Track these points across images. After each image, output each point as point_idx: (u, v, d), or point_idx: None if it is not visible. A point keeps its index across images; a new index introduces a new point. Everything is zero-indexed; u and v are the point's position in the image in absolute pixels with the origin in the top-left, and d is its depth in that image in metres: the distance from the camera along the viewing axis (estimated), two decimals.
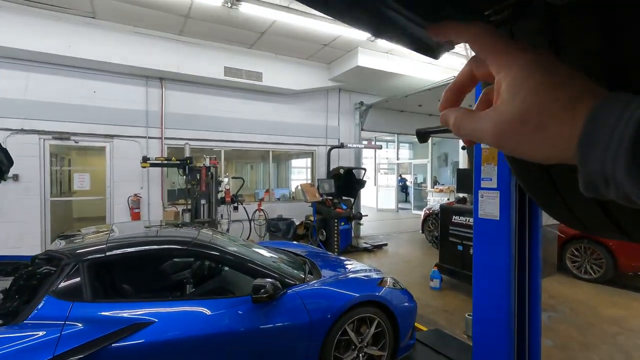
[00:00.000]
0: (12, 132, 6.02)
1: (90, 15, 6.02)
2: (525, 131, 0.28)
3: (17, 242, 6.07)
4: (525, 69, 0.29)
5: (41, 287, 2.15)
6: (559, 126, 0.27)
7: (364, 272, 3.37)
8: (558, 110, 0.27)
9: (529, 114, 0.28)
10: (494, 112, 0.30)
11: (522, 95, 0.28)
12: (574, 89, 0.27)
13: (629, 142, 0.22)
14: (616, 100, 0.24)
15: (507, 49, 0.31)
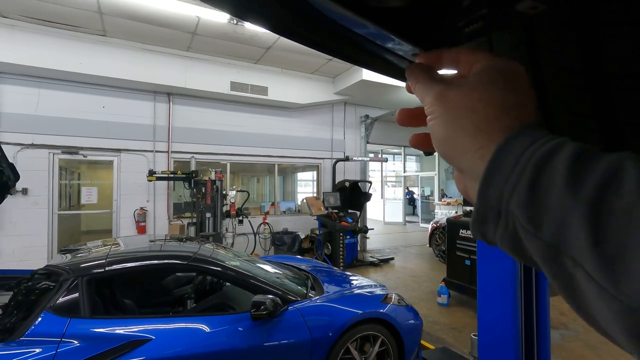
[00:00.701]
0: (23, 146, 6.15)
1: (101, 33, 6.20)
2: (461, 104, 0.29)
3: (23, 256, 6.12)
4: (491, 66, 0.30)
5: (39, 302, 2.14)
6: (483, 118, 0.27)
7: (369, 288, 3.29)
8: (473, 137, 0.27)
9: (472, 94, 0.29)
10: (449, 79, 0.32)
11: (482, 84, 0.29)
12: (516, 102, 0.28)
13: (530, 172, 0.22)
14: (526, 135, 0.25)
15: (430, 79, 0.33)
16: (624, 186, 0.19)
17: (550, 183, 0.21)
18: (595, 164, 0.21)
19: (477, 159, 0.27)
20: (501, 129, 0.26)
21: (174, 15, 5.51)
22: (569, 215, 0.20)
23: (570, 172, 0.21)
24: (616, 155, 0.21)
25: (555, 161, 0.22)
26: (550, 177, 0.21)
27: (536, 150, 0.23)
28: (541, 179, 0.22)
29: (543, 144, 0.23)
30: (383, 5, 0.35)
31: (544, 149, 0.23)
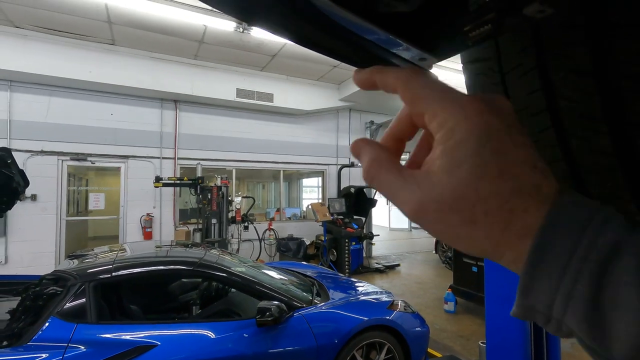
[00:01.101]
0: (33, 153, 6.24)
1: (110, 42, 6.31)
2: (451, 220, 0.22)
3: (31, 261, 6.18)
4: (467, 133, 0.23)
5: (47, 307, 2.15)
6: (489, 230, 0.22)
7: (374, 295, 3.27)
8: (496, 210, 0.21)
9: (464, 202, 0.22)
10: (424, 180, 0.24)
11: (463, 174, 0.22)
12: (522, 182, 0.21)
13: (588, 284, 0.18)
14: (567, 217, 0.20)
15: (444, 95, 0.25)
16: None
17: (619, 299, 0.17)
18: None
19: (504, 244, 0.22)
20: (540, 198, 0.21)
21: (181, 24, 5.59)
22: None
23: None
24: None
25: (619, 267, 0.18)
26: (618, 291, 0.17)
27: (590, 248, 0.19)
28: (605, 293, 0.18)
29: (595, 234, 0.19)
30: (390, 11, 0.36)
31: (600, 246, 0.19)
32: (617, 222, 0.19)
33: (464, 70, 0.52)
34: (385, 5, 0.34)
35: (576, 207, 0.20)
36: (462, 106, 0.24)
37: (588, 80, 0.38)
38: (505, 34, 0.38)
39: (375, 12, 0.34)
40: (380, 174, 0.26)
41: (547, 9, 0.29)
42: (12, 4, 5.02)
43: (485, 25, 0.37)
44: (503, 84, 0.45)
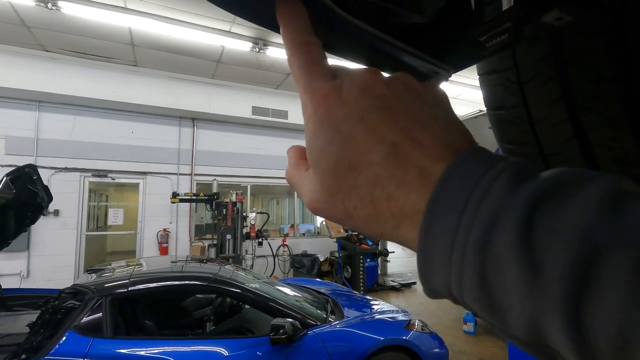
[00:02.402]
0: (57, 170, 6.48)
1: (133, 63, 6.59)
2: (335, 216, 0.22)
3: (52, 275, 6.31)
4: (316, 127, 0.22)
5: (65, 321, 2.18)
6: (365, 222, 0.21)
7: (390, 314, 3.18)
8: (360, 203, 0.20)
9: (334, 199, 0.21)
10: (308, 181, 0.24)
11: (320, 172, 0.22)
12: (377, 172, 0.20)
13: (473, 261, 0.16)
14: (461, 181, 0.17)
15: (309, 88, 0.23)
16: None
17: (503, 280, 0.15)
18: (556, 236, 0.14)
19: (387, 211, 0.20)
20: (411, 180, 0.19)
21: (200, 45, 5.80)
22: (539, 314, 0.14)
23: (522, 262, 0.15)
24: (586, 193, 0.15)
25: (499, 245, 0.15)
26: (500, 273, 0.15)
27: (469, 227, 0.16)
28: (489, 276, 0.16)
29: (478, 201, 0.17)
30: (405, 23, 0.36)
31: (481, 215, 0.16)
32: (507, 176, 0.17)
33: (480, 82, 0.52)
34: (400, 17, 0.34)
35: (464, 174, 0.18)
36: (317, 97, 0.23)
37: (611, 89, 0.37)
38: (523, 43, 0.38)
39: (390, 23, 0.35)
40: (289, 178, 0.27)
41: (566, 16, 0.28)
42: (44, 30, 5.33)
43: (502, 35, 0.36)
44: (522, 94, 0.45)
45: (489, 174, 0.17)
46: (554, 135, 0.43)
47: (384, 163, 0.20)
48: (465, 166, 0.18)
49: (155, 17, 4.95)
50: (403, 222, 0.19)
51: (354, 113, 0.21)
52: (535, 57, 0.41)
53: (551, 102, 0.42)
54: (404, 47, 0.40)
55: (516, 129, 0.47)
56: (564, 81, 0.40)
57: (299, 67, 0.25)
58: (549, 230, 0.15)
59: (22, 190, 2.96)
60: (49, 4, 4.44)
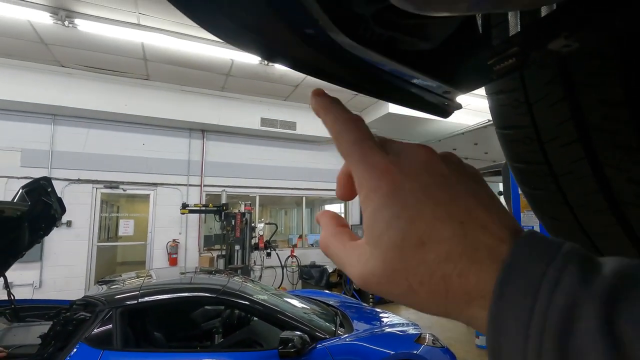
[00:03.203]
0: (70, 181, 6.61)
1: (145, 77, 6.75)
2: (393, 291, 0.22)
3: (64, 286, 6.38)
4: (380, 202, 0.22)
5: (76, 333, 2.20)
6: (431, 298, 0.20)
7: (400, 327, 3.13)
8: (429, 279, 0.20)
9: (396, 275, 0.21)
10: (360, 254, 0.23)
11: (385, 246, 0.21)
12: (449, 249, 0.20)
13: (554, 350, 0.16)
14: (524, 276, 0.18)
15: (365, 157, 0.24)
16: None
17: None
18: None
19: None
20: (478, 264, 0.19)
21: (210, 59, 5.93)
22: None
23: (609, 352, 0.15)
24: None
25: (581, 334, 0.16)
26: (582, 353, 0.15)
27: (545, 314, 0.16)
28: (569, 357, 0.16)
29: (548, 297, 0.17)
30: (413, 49, 0.36)
31: (557, 309, 0.16)
32: (574, 266, 0.17)
33: (489, 101, 0.52)
34: (407, 44, 0.35)
35: (530, 259, 0.18)
36: (376, 171, 0.23)
37: (621, 110, 0.37)
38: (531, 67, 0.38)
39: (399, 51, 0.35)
40: (328, 248, 0.26)
41: (572, 43, 0.29)
42: (60, 46, 5.51)
43: (510, 59, 0.37)
44: (530, 114, 0.45)
45: (557, 261, 0.18)
46: (563, 155, 0.43)
47: (455, 240, 0.20)
48: (532, 247, 0.19)
49: (167, 33, 5.08)
50: (474, 301, 0.19)
51: (420, 189, 0.22)
52: (543, 79, 0.41)
53: (560, 122, 0.42)
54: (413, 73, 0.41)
55: (525, 149, 0.47)
56: (573, 102, 0.40)
57: (351, 142, 0.25)
58: (635, 322, 0.15)
59: (36, 203, 3.02)
60: (66, 21, 4.60)
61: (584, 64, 0.37)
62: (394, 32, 0.32)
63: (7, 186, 6.10)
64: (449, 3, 0.23)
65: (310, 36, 0.32)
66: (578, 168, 0.42)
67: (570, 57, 0.38)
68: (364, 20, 0.30)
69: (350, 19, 0.29)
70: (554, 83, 0.40)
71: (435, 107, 0.46)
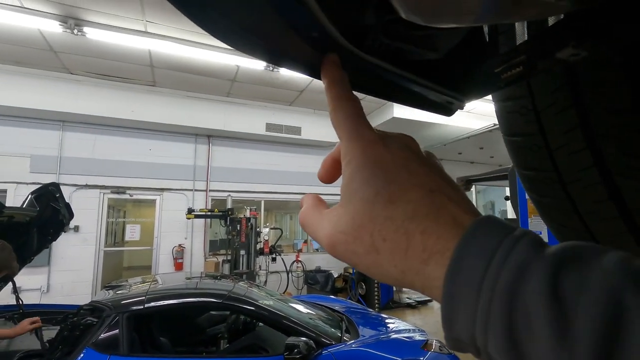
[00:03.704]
0: (78, 187, 6.68)
1: (151, 84, 6.83)
2: (357, 250, 0.23)
3: (70, 291, 6.43)
4: (361, 164, 0.24)
5: (82, 338, 2.21)
6: (391, 256, 0.21)
7: (407, 333, 3.10)
8: (393, 235, 0.21)
9: (362, 230, 0.22)
10: (333, 215, 0.25)
11: (357, 201, 0.23)
12: (416, 207, 0.21)
13: (500, 314, 0.17)
14: (484, 239, 0.19)
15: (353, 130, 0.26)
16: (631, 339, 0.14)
17: (531, 328, 0.16)
18: (584, 292, 0.15)
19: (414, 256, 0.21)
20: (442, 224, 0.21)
21: (216, 65, 5.99)
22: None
23: (553, 311, 0.16)
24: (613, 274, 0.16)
25: (528, 293, 0.16)
26: (529, 320, 0.16)
27: (498, 271, 0.18)
28: (517, 323, 0.16)
29: (504, 256, 0.18)
30: (420, 59, 0.37)
31: (508, 268, 0.17)
32: (528, 239, 0.19)
33: (495, 108, 0.52)
34: (415, 55, 0.35)
35: (489, 230, 0.20)
36: (362, 141, 0.25)
37: (629, 118, 0.37)
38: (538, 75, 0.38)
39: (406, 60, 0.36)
40: (305, 218, 0.28)
41: (581, 52, 0.29)
42: (69, 54, 5.60)
43: (517, 67, 0.37)
44: (538, 122, 0.45)
45: (514, 234, 0.19)
46: (572, 163, 0.43)
47: (422, 202, 0.22)
48: (491, 224, 0.20)
49: (173, 40, 5.15)
50: (433, 258, 0.20)
51: (399, 160, 0.24)
52: (551, 86, 0.41)
53: (568, 130, 0.42)
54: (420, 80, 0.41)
55: (533, 156, 0.47)
56: (581, 110, 0.40)
57: (346, 116, 0.27)
58: (577, 286, 0.16)
59: (45, 208, 3.06)
60: (75, 30, 4.68)
61: (591, 71, 0.37)
62: (402, 43, 0.32)
63: (16, 191, 6.18)
64: (457, 15, 0.23)
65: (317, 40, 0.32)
66: (587, 176, 0.42)
67: (578, 64, 0.38)
68: (372, 32, 0.31)
69: (358, 30, 0.30)
70: (562, 90, 0.40)
71: (438, 106, 0.46)
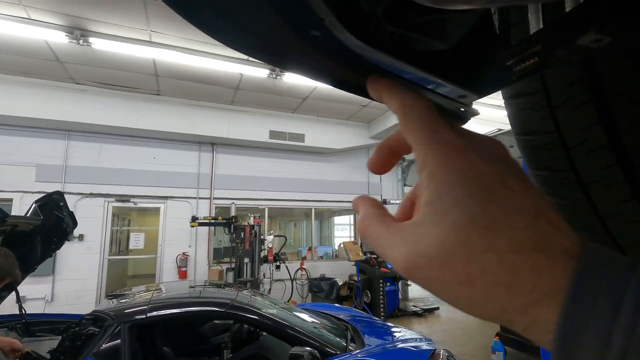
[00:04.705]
0: (83, 195, 6.71)
1: (156, 93, 6.89)
2: (445, 279, 0.19)
3: (75, 300, 6.41)
4: (450, 179, 0.20)
5: (84, 348, 2.18)
6: (490, 291, 0.18)
7: (413, 342, 3.03)
8: (494, 267, 0.18)
9: (454, 257, 0.19)
10: (410, 234, 0.21)
11: (448, 224, 0.19)
12: (522, 236, 0.18)
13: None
14: (603, 279, 0.16)
15: (433, 135, 0.23)
16: None
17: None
18: None
19: None
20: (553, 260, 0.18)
21: (219, 74, 6.03)
22: None
23: None
24: None
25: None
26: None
27: (635, 318, 0.15)
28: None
29: (637, 297, 0.15)
30: (428, 50, 0.34)
31: None
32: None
33: (506, 105, 0.49)
34: (421, 45, 0.33)
35: (607, 262, 0.17)
36: (445, 146, 0.22)
37: None
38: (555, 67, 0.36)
39: (411, 52, 0.33)
40: (369, 229, 0.24)
41: (605, 37, 0.26)
42: (75, 64, 5.67)
43: (532, 59, 0.34)
44: (553, 118, 0.42)
45: (637, 267, 0.16)
46: (592, 161, 0.40)
47: (528, 232, 0.19)
48: (604, 254, 0.17)
49: (177, 49, 5.20)
50: (544, 298, 0.17)
51: (494, 175, 0.20)
52: (567, 79, 0.39)
53: (587, 126, 0.39)
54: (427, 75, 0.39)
55: (549, 155, 0.44)
56: (600, 104, 0.37)
57: (419, 117, 0.24)
58: None
59: (49, 217, 3.06)
60: (81, 40, 4.74)
61: (612, 60, 0.35)
62: (407, 30, 0.30)
63: (22, 200, 6.22)
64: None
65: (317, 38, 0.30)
66: (608, 175, 0.39)
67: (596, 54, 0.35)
68: (374, 18, 0.28)
69: (358, 16, 0.27)
70: (579, 83, 0.37)
71: (451, 114, 0.44)
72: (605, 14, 0.26)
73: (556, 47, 0.30)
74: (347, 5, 0.27)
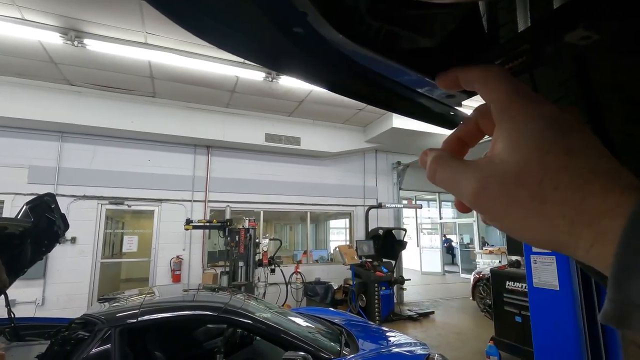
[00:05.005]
0: (76, 198, 6.64)
1: (151, 95, 6.86)
2: (518, 196, 0.21)
3: (66, 304, 6.32)
4: (536, 122, 0.23)
5: (73, 353, 2.14)
6: (561, 206, 0.20)
7: (408, 347, 3.02)
8: (567, 184, 0.20)
9: (530, 176, 0.21)
10: (484, 162, 0.24)
11: (526, 149, 0.22)
12: (596, 162, 0.20)
13: None
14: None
15: (518, 98, 0.24)
16: None
17: None
18: None
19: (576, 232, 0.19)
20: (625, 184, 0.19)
21: (215, 76, 6.02)
22: None
23: None
24: None
25: None
26: None
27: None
28: None
29: None
30: (414, 47, 0.34)
31: None
32: None
33: None
34: (407, 42, 0.32)
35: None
36: (527, 98, 0.24)
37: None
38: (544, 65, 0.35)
39: (398, 49, 0.33)
40: (440, 167, 0.26)
41: (592, 34, 0.26)
42: (69, 65, 5.64)
43: (520, 57, 0.34)
44: None
45: None
46: None
47: (602, 160, 0.20)
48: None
49: (173, 51, 5.19)
50: (612, 211, 0.18)
51: (572, 120, 0.23)
52: (556, 79, 0.38)
53: None
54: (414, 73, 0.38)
55: None
56: (591, 103, 0.36)
57: (504, 77, 0.27)
58: None
59: (40, 219, 3.01)
60: (76, 41, 4.71)
61: (603, 58, 0.34)
62: (392, 25, 0.29)
63: (13, 202, 6.14)
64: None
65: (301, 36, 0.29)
66: None
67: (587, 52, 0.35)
68: (358, 13, 0.28)
69: (342, 11, 0.27)
70: (570, 83, 0.37)
71: (440, 118, 0.44)
72: (592, 11, 0.25)
73: (544, 45, 0.29)
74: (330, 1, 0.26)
